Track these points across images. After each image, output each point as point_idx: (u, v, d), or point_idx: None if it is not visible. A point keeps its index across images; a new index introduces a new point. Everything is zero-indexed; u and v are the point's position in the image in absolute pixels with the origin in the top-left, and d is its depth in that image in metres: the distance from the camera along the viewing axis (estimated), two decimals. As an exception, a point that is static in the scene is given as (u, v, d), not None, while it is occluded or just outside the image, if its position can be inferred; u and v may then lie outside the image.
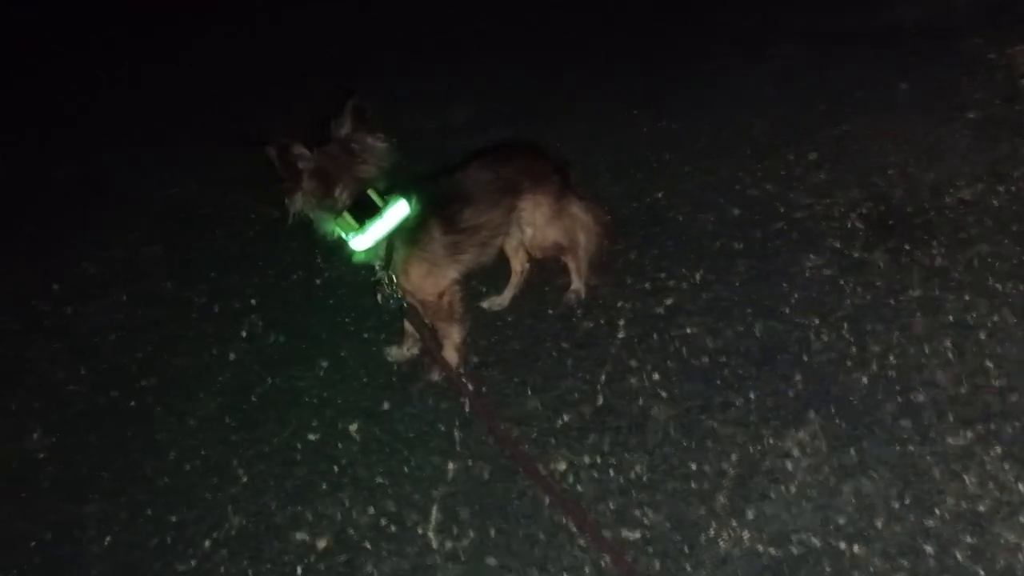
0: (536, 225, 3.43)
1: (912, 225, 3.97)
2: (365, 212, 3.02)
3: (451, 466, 3.17)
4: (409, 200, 3.08)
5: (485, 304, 3.75)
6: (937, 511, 2.84)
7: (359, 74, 5.70)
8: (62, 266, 4.28)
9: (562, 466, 3.13)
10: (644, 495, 3.00)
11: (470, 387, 3.39)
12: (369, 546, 2.96)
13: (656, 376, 3.41)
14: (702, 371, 3.42)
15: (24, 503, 3.23)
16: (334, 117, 2.97)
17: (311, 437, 3.33)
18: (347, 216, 3.02)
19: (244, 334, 3.78)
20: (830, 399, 3.24)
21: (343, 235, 3.08)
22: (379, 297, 3.21)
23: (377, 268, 3.14)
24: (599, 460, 3.13)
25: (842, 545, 2.79)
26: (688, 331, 3.58)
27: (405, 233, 3.11)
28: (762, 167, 4.46)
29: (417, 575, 2.86)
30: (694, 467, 3.07)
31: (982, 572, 2.67)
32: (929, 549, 2.75)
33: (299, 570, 2.91)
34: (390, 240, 3.10)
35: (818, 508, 2.90)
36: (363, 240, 3.06)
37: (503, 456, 3.17)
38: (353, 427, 3.35)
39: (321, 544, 2.98)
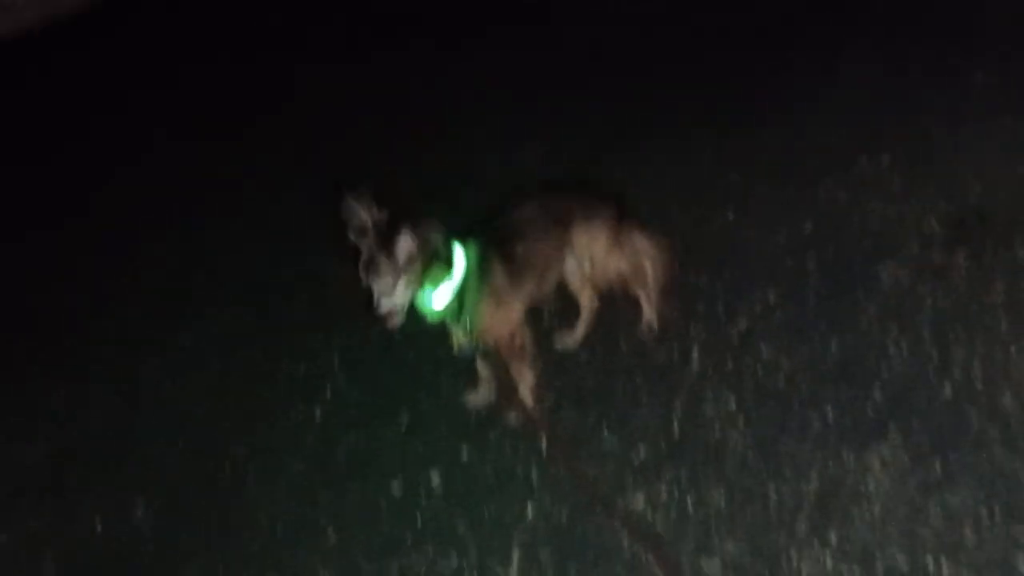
0: (595, 257, 3.49)
1: (994, 224, 3.86)
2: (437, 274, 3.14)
3: (531, 509, 3.19)
4: (466, 245, 3.20)
5: (558, 344, 3.78)
6: (1030, 521, 2.73)
7: (431, 118, 5.85)
8: (159, 340, 4.47)
9: (640, 503, 3.11)
10: (723, 525, 2.97)
11: (545, 429, 3.42)
12: (454, 594, 3.01)
13: (732, 403, 3.38)
14: (778, 393, 3.37)
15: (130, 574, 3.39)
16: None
17: (395, 491, 3.39)
18: (425, 286, 3.14)
19: (327, 395, 3.88)
20: (911, 411, 3.17)
21: (423, 302, 3.20)
22: (455, 345, 3.34)
23: (451, 318, 3.25)
24: (677, 494, 3.11)
25: (930, 562, 2.71)
26: (763, 354, 3.54)
27: (472, 276, 3.21)
28: (834, 178, 4.40)
29: (502, 621, 2.89)
30: (773, 493, 3.03)
31: (1081, 582, 2.56)
32: (1023, 560, 2.64)
33: (388, 622, 2.98)
34: (460, 287, 3.20)
35: (903, 525, 2.83)
36: (442, 297, 3.17)
37: (581, 495, 3.18)
38: (435, 478, 3.40)
39: (408, 596, 3.04)
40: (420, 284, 3.11)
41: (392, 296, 3.07)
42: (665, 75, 5.77)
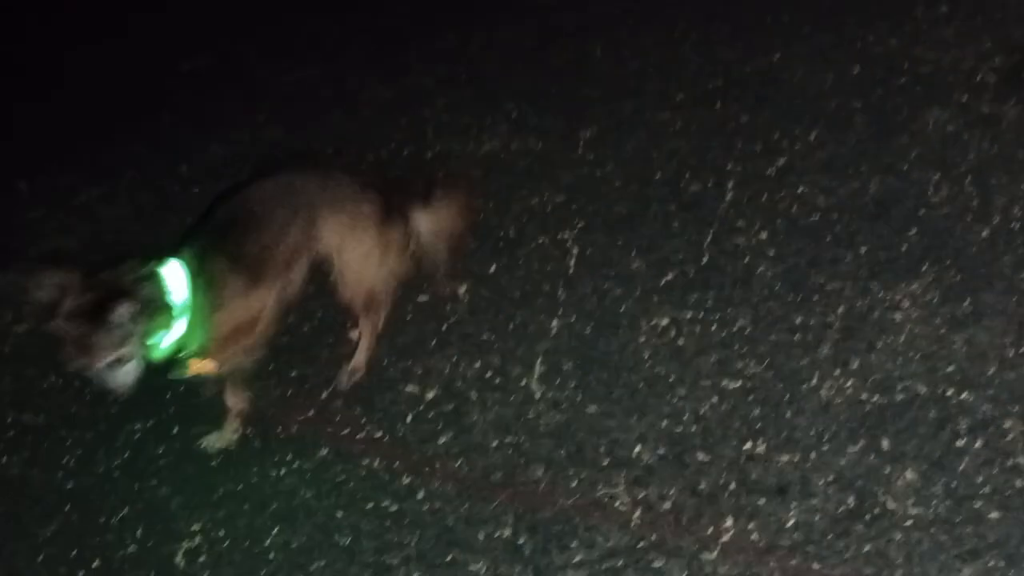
0: (349, 262, 2.91)
1: (1048, 78, 3.74)
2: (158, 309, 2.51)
3: (555, 323, 3.22)
4: (188, 258, 2.60)
5: (341, 382, 3.18)
6: (1054, 358, 2.73)
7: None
8: (191, 149, 4.46)
9: (664, 321, 3.13)
10: (746, 347, 2.99)
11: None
12: (475, 396, 3.05)
13: (764, 235, 3.36)
14: (812, 228, 3.35)
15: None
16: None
17: (421, 299, 3.41)
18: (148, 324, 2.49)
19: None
20: (946, 252, 3.14)
21: (153, 348, 2.57)
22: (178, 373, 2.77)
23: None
24: (702, 315, 3.13)
25: (949, 392, 2.73)
26: (799, 190, 3.51)
27: (201, 288, 2.60)
28: (888, 24, 4.27)
29: (520, 422, 2.94)
30: (799, 320, 3.04)
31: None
32: (1045, 394, 2.66)
33: (409, 418, 3.02)
34: (192, 304, 2.60)
35: (926, 357, 2.84)
36: (175, 332, 2.58)
37: (607, 313, 3.20)
38: (462, 289, 3.42)
39: (429, 395, 3.08)
40: (145, 339, 2.50)
41: (119, 368, 2.47)
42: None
